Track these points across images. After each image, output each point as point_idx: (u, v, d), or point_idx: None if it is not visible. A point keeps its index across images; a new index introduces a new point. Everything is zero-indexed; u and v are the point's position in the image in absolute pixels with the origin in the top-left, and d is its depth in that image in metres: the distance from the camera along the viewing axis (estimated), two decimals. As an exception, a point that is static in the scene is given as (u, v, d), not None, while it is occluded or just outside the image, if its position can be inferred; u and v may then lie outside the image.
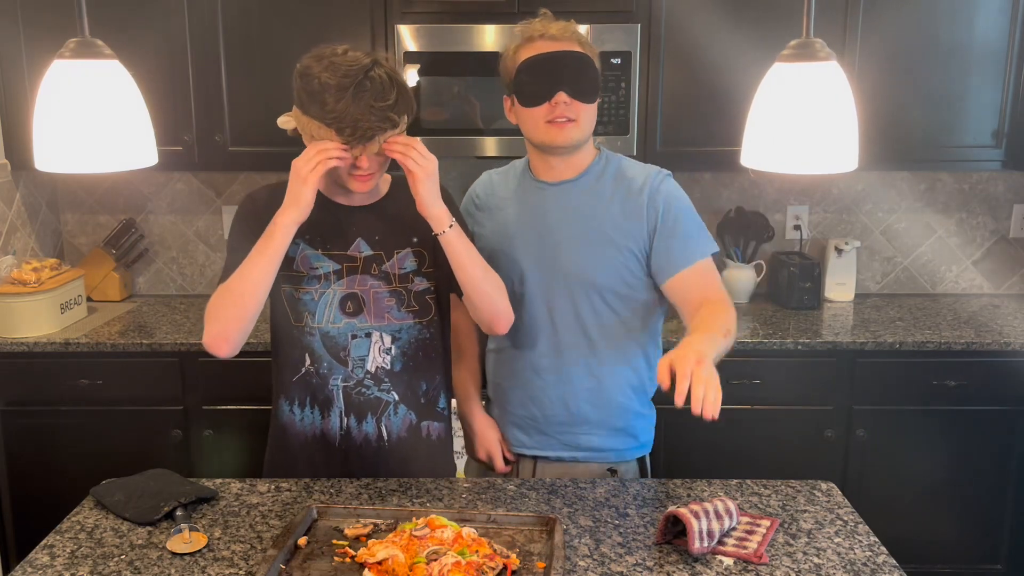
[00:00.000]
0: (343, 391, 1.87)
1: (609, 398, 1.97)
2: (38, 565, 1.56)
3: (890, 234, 3.50)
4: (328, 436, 1.89)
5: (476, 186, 2.13)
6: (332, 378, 1.87)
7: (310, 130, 1.72)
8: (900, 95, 3.03)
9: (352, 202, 1.88)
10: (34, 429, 2.95)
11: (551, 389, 1.97)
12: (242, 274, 1.73)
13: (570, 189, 1.94)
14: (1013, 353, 2.90)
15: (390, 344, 1.87)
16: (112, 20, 2.85)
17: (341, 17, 2.96)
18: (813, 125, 1.45)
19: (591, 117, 1.88)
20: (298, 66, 1.73)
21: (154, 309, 3.32)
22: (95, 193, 3.47)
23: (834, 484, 1.87)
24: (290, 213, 1.70)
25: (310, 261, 1.84)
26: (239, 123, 3.05)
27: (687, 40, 2.98)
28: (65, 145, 1.45)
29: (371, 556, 1.48)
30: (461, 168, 3.44)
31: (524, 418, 2.03)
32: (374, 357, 1.87)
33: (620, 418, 1.99)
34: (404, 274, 1.86)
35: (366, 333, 1.86)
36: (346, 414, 1.88)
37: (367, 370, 1.86)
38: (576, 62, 1.84)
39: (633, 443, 2.03)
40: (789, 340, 2.91)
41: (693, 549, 1.53)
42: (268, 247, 1.71)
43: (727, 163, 3.01)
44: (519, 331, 1.97)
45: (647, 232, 1.89)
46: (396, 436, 1.91)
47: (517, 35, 1.91)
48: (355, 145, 1.69)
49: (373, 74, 1.67)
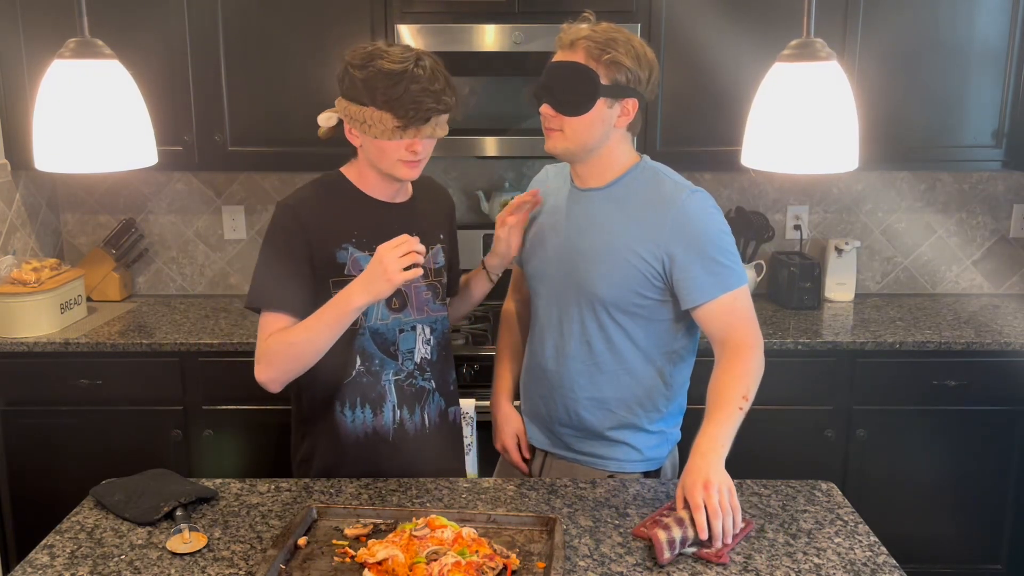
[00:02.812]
0: (395, 384, 1.93)
1: (611, 411, 1.93)
2: (38, 565, 1.56)
3: (890, 234, 3.50)
4: (380, 432, 1.94)
5: (536, 177, 2.12)
6: (384, 374, 1.92)
7: (364, 118, 1.78)
8: (900, 95, 3.03)
9: (392, 199, 1.94)
10: (34, 429, 2.95)
11: (555, 391, 1.97)
12: (309, 338, 1.78)
13: (594, 198, 1.90)
14: (1013, 353, 2.90)
15: (430, 335, 1.96)
16: (112, 20, 2.85)
17: (341, 17, 2.96)
18: (813, 125, 1.45)
19: (581, 129, 1.81)
20: (347, 59, 1.81)
21: (154, 309, 3.32)
22: (95, 193, 3.47)
23: (834, 484, 1.87)
24: (365, 298, 1.74)
25: (360, 264, 1.86)
26: (239, 123, 3.05)
27: (687, 40, 2.98)
28: (65, 145, 1.45)
29: (371, 556, 1.48)
30: (461, 168, 3.44)
31: (535, 414, 2.05)
32: (419, 348, 1.95)
33: (622, 432, 1.94)
34: (438, 268, 1.99)
35: (412, 327, 1.94)
36: (399, 407, 1.94)
37: (415, 362, 1.95)
38: (569, 74, 1.79)
39: (637, 456, 1.95)
40: (789, 340, 2.91)
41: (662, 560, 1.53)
42: (338, 323, 1.77)
43: (727, 163, 3.01)
44: (535, 330, 2.01)
45: (666, 254, 1.81)
46: (433, 423, 1.99)
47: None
48: (411, 127, 1.77)
49: (423, 62, 1.78)
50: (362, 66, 1.77)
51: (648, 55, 1.83)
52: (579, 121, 1.80)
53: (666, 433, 1.99)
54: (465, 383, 2.86)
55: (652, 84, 1.86)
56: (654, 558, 1.55)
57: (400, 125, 1.76)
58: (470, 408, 2.74)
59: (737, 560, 1.56)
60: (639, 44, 1.83)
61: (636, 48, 1.81)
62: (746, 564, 1.55)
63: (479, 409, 2.76)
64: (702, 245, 1.80)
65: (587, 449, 1.98)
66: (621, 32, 1.82)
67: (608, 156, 1.88)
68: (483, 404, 2.77)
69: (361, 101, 1.78)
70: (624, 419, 1.93)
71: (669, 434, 2.00)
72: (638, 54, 1.81)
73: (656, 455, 1.98)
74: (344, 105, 1.82)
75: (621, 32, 1.82)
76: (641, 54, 1.82)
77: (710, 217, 1.83)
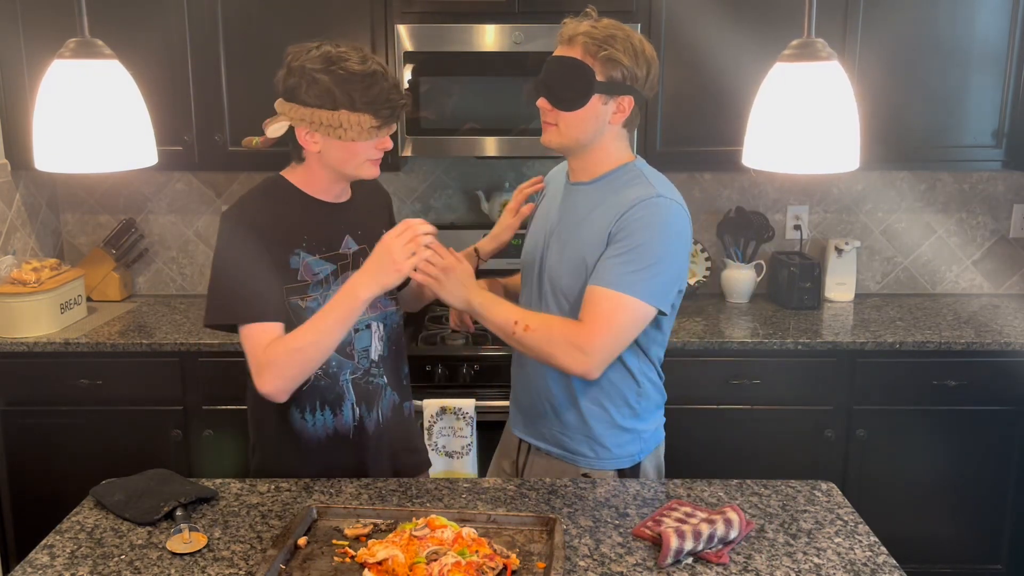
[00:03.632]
0: (352, 383, 1.91)
1: (581, 406, 1.92)
2: (38, 565, 1.55)
3: (890, 234, 3.50)
4: (340, 432, 1.92)
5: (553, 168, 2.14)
6: (342, 374, 1.90)
7: (338, 122, 1.74)
8: (900, 95, 3.03)
9: (337, 199, 1.91)
10: (34, 429, 2.95)
11: (531, 382, 1.99)
12: (318, 340, 1.73)
13: (580, 191, 1.92)
14: (1013, 353, 2.90)
15: (383, 331, 1.95)
16: (112, 20, 2.85)
17: (341, 17, 2.96)
18: (814, 125, 1.45)
19: (574, 124, 1.82)
20: (302, 63, 1.74)
21: (154, 309, 3.32)
22: (95, 193, 3.47)
23: (834, 484, 1.87)
24: (372, 289, 1.71)
25: (312, 268, 1.85)
26: (239, 123, 3.05)
27: (687, 40, 2.98)
28: (65, 145, 1.45)
29: (371, 556, 1.48)
30: (461, 168, 3.44)
31: (518, 403, 2.07)
32: (374, 346, 1.93)
33: (593, 428, 1.93)
34: None
35: (366, 324, 1.91)
36: (357, 404, 1.92)
37: (371, 359, 1.93)
38: (565, 69, 1.80)
39: (607, 455, 1.94)
40: (789, 340, 2.91)
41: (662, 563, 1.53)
42: (348, 318, 1.72)
43: (727, 163, 3.02)
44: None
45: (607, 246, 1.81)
46: (386, 418, 1.97)
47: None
48: (384, 126, 1.78)
49: (375, 59, 1.79)
50: (326, 70, 1.72)
51: (647, 52, 1.82)
52: (573, 116, 1.81)
53: (640, 432, 1.96)
54: (465, 383, 2.86)
55: (651, 82, 1.85)
56: (655, 557, 1.55)
57: (377, 125, 1.75)
58: (470, 408, 2.74)
59: (737, 560, 1.56)
60: (639, 41, 1.82)
61: (635, 45, 1.80)
62: (746, 564, 1.55)
63: (479, 409, 2.76)
64: (631, 244, 1.77)
65: (561, 442, 1.97)
66: (622, 29, 1.81)
67: (600, 153, 1.88)
68: (483, 404, 2.78)
69: (332, 105, 1.73)
70: (595, 414, 1.92)
71: (644, 434, 1.97)
72: (636, 51, 1.80)
73: (627, 453, 1.96)
74: (305, 111, 1.75)
75: (622, 29, 1.81)
76: (640, 51, 1.81)
77: (657, 227, 1.78)
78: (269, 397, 1.78)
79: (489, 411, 2.76)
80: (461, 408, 2.74)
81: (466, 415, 2.74)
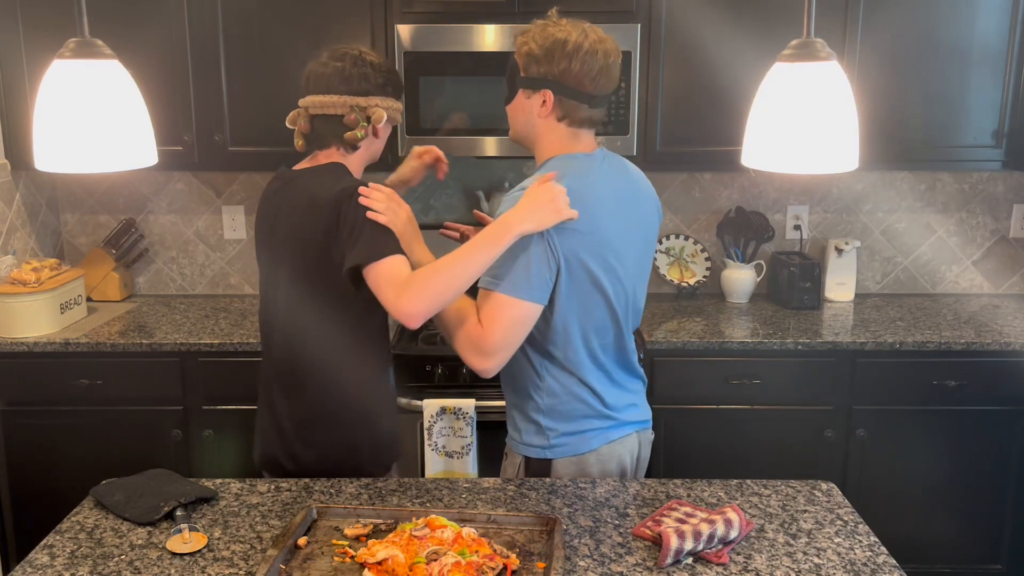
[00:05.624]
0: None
1: (501, 381, 2.02)
2: (38, 565, 1.56)
3: (890, 234, 3.50)
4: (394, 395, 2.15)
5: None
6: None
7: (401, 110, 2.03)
8: (900, 95, 3.03)
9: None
10: (34, 429, 2.95)
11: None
12: (462, 264, 1.75)
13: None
14: (1013, 353, 2.90)
15: None
16: (112, 20, 2.86)
17: (341, 17, 2.96)
18: (814, 125, 1.45)
19: (512, 117, 1.94)
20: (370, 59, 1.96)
21: (154, 309, 3.32)
22: (95, 193, 3.47)
23: (834, 484, 1.87)
24: (528, 226, 1.74)
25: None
26: (239, 123, 3.05)
27: (687, 40, 2.98)
28: (65, 145, 1.45)
29: (371, 556, 1.48)
30: (461, 168, 3.44)
31: None
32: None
33: (512, 407, 2.01)
34: None
35: None
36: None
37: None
38: (506, 66, 1.93)
39: (516, 436, 1.99)
40: (789, 340, 2.91)
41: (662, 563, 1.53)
42: (495, 247, 1.74)
43: (727, 163, 3.02)
44: None
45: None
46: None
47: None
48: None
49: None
50: (382, 64, 1.98)
51: (567, 47, 1.79)
52: (509, 110, 1.95)
53: (543, 428, 1.93)
54: (465, 383, 2.86)
55: (577, 76, 1.81)
56: (655, 557, 1.55)
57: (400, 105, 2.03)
58: (470, 408, 2.75)
59: (737, 560, 1.56)
60: (563, 36, 1.79)
61: (555, 39, 1.79)
62: (746, 564, 1.55)
63: (479, 409, 2.76)
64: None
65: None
66: (551, 26, 1.82)
67: (541, 146, 1.93)
68: (483, 404, 2.78)
69: (397, 96, 2.01)
70: (508, 395, 2.01)
71: (549, 433, 1.93)
72: (551, 47, 1.79)
73: (534, 443, 1.94)
74: (388, 103, 1.98)
75: (551, 26, 1.82)
76: (557, 48, 1.79)
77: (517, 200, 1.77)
78: (406, 317, 1.75)
79: (489, 411, 2.76)
80: (461, 408, 2.74)
81: (466, 415, 2.74)
